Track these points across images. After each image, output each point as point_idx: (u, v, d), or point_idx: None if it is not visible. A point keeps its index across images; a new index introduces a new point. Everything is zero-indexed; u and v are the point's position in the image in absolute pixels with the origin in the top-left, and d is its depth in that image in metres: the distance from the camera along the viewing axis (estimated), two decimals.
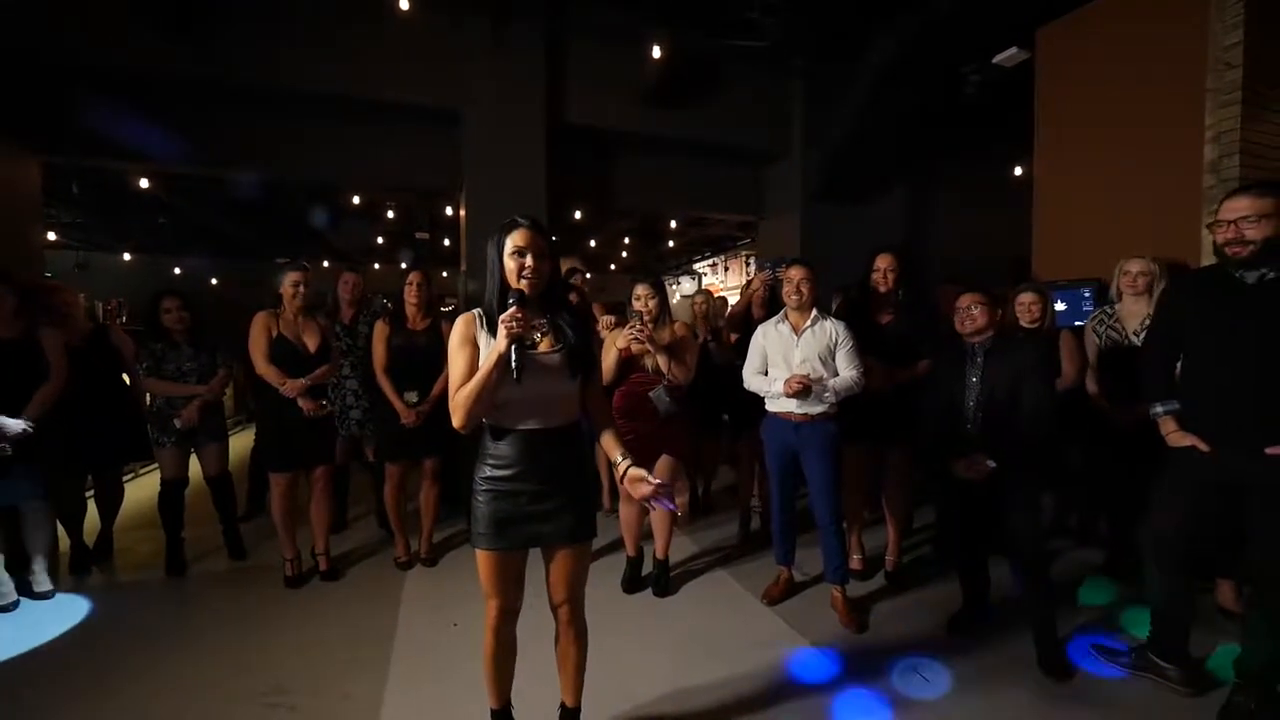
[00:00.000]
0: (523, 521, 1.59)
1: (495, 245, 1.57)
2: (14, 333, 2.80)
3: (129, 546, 3.51)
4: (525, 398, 1.55)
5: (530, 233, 1.56)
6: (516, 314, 1.45)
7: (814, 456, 2.62)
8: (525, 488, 1.58)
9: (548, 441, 1.60)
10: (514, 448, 1.58)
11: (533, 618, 1.83)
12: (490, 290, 1.59)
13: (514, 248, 1.54)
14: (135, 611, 2.83)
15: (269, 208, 8.07)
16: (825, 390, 2.56)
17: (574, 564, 1.67)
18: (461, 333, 1.58)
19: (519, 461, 1.57)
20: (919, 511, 3.76)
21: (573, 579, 1.68)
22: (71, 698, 2.13)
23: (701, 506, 4.19)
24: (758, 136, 5.40)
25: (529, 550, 1.65)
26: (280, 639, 2.51)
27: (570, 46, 4.79)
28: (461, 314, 1.63)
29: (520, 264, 1.54)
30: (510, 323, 1.44)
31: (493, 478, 1.58)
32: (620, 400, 2.80)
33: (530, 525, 1.60)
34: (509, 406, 1.56)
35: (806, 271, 2.65)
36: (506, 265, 1.55)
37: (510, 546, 1.60)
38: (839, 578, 2.65)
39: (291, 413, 2.93)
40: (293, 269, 3.02)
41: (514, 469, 1.58)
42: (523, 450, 1.58)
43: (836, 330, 2.65)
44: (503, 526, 1.58)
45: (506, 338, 1.44)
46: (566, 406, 1.62)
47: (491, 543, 1.58)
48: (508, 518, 1.58)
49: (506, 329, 1.44)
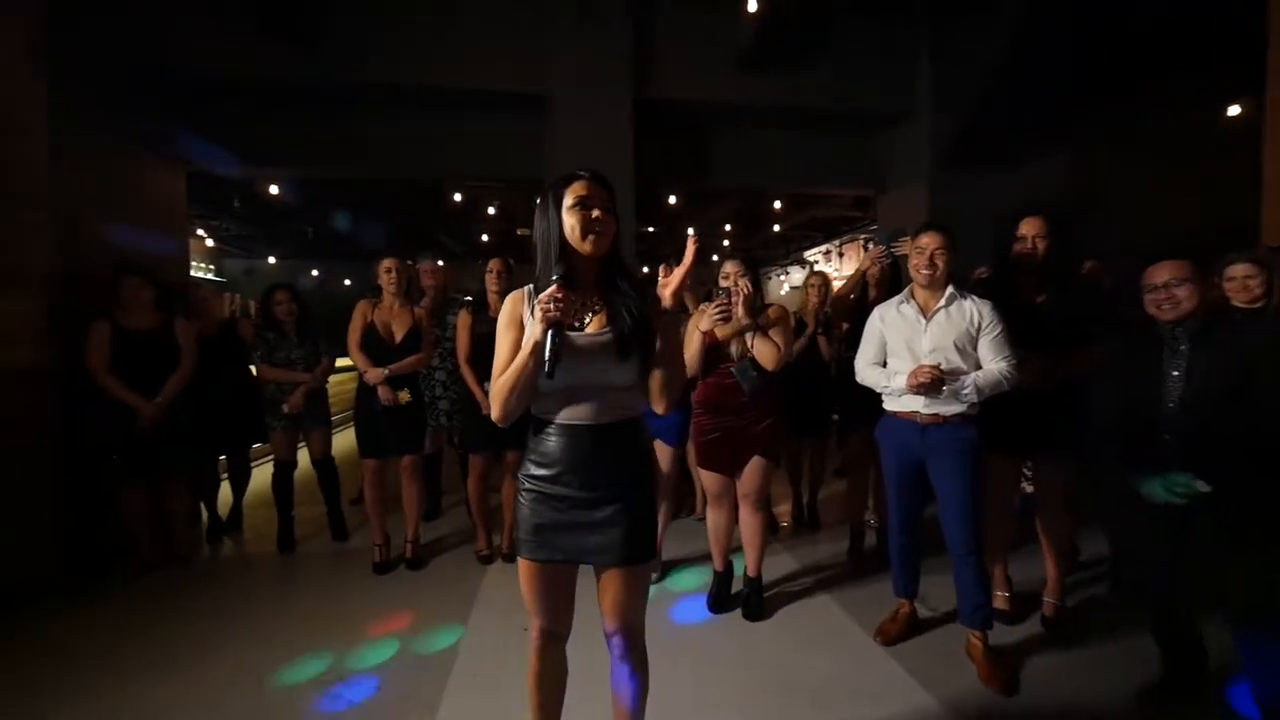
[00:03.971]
0: (568, 531, 1.34)
1: (550, 203, 1.32)
2: (153, 323, 3.08)
3: (255, 524, 3.80)
4: (570, 386, 1.30)
5: (593, 184, 1.30)
6: (556, 293, 1.20)
7: (946, 468, 2.12)
8: (571, 493, 1.33)
9: (598, 439, 1.34)
10: (558, 444, 1.33)
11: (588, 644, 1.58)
12: (540, 261, 1.35)
13: (575, 199, 1.28)
14: (243, 582, 3.04)
15: (389, 212, 8.72)
16: (964, 386, 2.05)
17: (628, 588, 1.39)
18: (508, 313, 1.36)
19: (563, 461, 1.33)
20: (1087, 540, 3.01)
21: (627, 605, 1.40)
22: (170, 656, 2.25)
23: (806, 519, 3.73)
24: (874, 98, 4.73)
25: (578, 566, 1.40)
26: (357, 626, 2.50)
27: (657, 13, 4.49)
28: (511, 292, 1.40)
29: (585, 217, 1.28)
30: (548, 304, 1.19)
31: (535, 476, 1.35)
32: (703, 393, 2.48)
33: (576, 536, 1.35)
34: (552, 396, 1.31)
35: (942, 238, 2.14)
36: (566, 223, 1.30)
37: (552, 558, 1.35)
38: (978, 621, 2.12)
39: (378, 401, 2.95)
40: (386, 257, 3.07)
41: (557, 468, 1.33)
42: (567, 447, 1.33)
43: (979, 311, 2.11)
44: (544, 534, 1.34)
45: (542, 322, 1.20)
46: (621, 399, 1.36)
47: (532, 551, 1.35)
48: (550, 525, 1.34)
49: (543, 312, 1.20)
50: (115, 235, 3.35)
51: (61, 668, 2.21)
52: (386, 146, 4.70)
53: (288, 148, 4.56)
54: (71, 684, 2.11)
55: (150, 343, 3.02)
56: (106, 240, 3.30)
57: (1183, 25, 3.62)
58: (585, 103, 4.35)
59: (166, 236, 3.95)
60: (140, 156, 3.72)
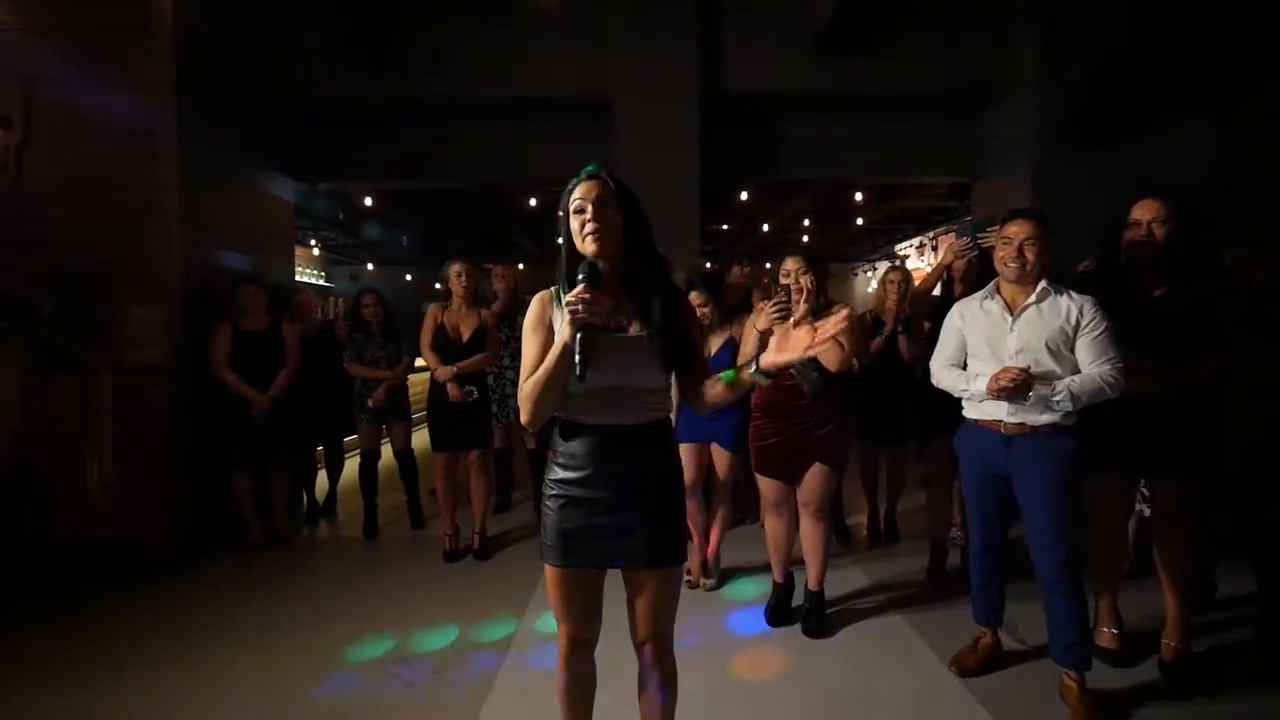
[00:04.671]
0: (596, 536, 1.31)
1: (562, 209, 1.31)
2: (264, 325, 3.42)
3: (348, 509, 4.12)
4: (603, 386, 1.27)
5: (591, 184, 1.28)
6: (584, 294, 1.17)
7: (1035, 485, 1.87)
8: (599, 495, 1.31)
9: (627, 441, 1.30)
10: (585, 447, 1.31)
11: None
12: (563, 265, 1.33)
13: (574, 203, 1.27)
14: (331, 562, 3.34)
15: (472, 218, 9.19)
16: (1055, 393, 1.80)
17: (659, 593, 1.34)
18: (536, 314, 1.34)
19: (591, 464, 1.30)
20: (1231, 575, 2.56)
21: (658, 611, 1.35)
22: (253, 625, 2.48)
23: (883, 532, 3.48)
24: (967, 76, 4.31)
25: (606, 571, 1.37)
26: (424, 611, 2.63)
27: (722, 1, 4.34)
28: (538, 293, 1.40)
29: (581, 220, 1.27)
30: (576, 304, 1.17)
31: (563, 480, 1.33)
32: (761, 396, 2.36)
33: (605, 541, 1.31)
34: (581, 398, 1.29)
35: (1033, 226, 1.89)
36: (572, 227, 1.28)
37: (581, 565, 1.33)
38: (1071, 660, 1.86)
39: (447, 398, 3.10)
40: (458, 261, 3.22)
41: (585, 471, 1.31)
42: (596, 450, 1.30)
43: (1078, 308, 1.85)
44: (572, 540, 1.32)
45: (571, 324, 1.17)
46: (652, 401, 1.33)
47: (559, 558, 1.33)
48: (578, 530, 1.32)
49: (571, 313, 1.17)
50: (232, 247, 3.75)
51: (169, 632, 2.49)
52: (464, 156, 4.90)
53: (376, 163, 4.89)
54: (176, 644, 2.38)
55: (262, 343, 3.36)
56: (226, 252, 3.71)
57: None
58: (647, 101, 4.30)
59: (275, 247, 4.38)
60: (254, 176, 4.15)
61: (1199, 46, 3.54)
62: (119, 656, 2.29)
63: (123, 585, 2.89)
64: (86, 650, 2.35)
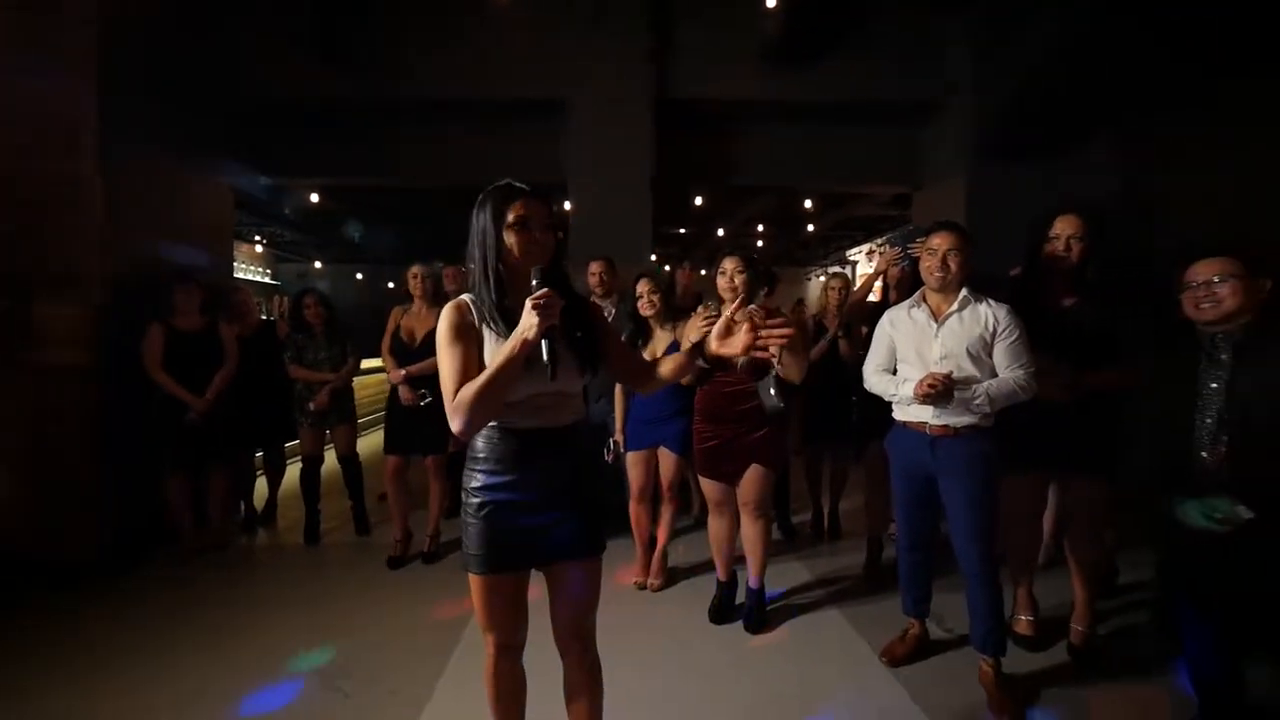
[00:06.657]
0: (523, 538, 1.34)
1: (489, 215, 1.29)
2: (199, 325, 3.27)
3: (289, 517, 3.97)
4: (537, 393, 1.29)
5: (532, 202, 1.30)
6: (548, 296, 1.18)
7: (957, 483, 1.99)
8: (522, 497, 1.33)
9: (548, 442, 1.35)
10: (509, 451, 1.33)
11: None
12: (477, 272, 1.32)
13: (516, 218, 1.28)
14: (269, 570, 3.22)
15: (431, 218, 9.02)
16: (975, 396, 1.93)
17: (585, 584, 1.39)
18: (454, 323, 1.30)
19: (516, 468, 1.33)
20: (1135, 563, 2.78)
21: (580, 604, 1.39)
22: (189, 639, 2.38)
23: (827, 530, 3.60)
24: (907, 87, 4.50)
25: (529, 574, 1.40)
26: (367, 618, 2.58)
27: (675, 11, 4.41)
28: (450, 302, 1.36)
29: (527, 238, 1.28)
30: (543, 306, 1.17)
31: (487, 487, 1.33)
32: (702, 400, 2.42)
33: (532, 542, 1.34)
34: (514, 405, 1.30)
35: (955, 238, 2.01)
36: (507, 240, 1.29)
37: (509, 568, 1.35)
38: (989, 646, 1.99)
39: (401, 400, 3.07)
40: (416, 265, 3.21)
41: (512, 475, 1.33)
42: (519, 453, 1.33)
43: (995, 316, 1.98)
44: (498, 545, 1.33)
45: (538, 325, 1.17)
46: (574, 404, 1.40)
47: (484, 565, 1.33)
48: (504, 533, 1.33)
49: (538, 313, 1.17)
50: (164, 244, 3.58)
51: (95, 646, 2.36)
52: (419, 155, 4.82)
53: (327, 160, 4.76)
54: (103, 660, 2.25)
55: (197, 343, 3.22)
56: (156, 248, 3.53)
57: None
58: (601, 104, 4.33)
59: (213, 243, 4.19)
60: (189, 170, 3.97)
61: (1122, 66, 3.73)
62: (25, 677, 2.15)
63: (35, 600, 2.73)
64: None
